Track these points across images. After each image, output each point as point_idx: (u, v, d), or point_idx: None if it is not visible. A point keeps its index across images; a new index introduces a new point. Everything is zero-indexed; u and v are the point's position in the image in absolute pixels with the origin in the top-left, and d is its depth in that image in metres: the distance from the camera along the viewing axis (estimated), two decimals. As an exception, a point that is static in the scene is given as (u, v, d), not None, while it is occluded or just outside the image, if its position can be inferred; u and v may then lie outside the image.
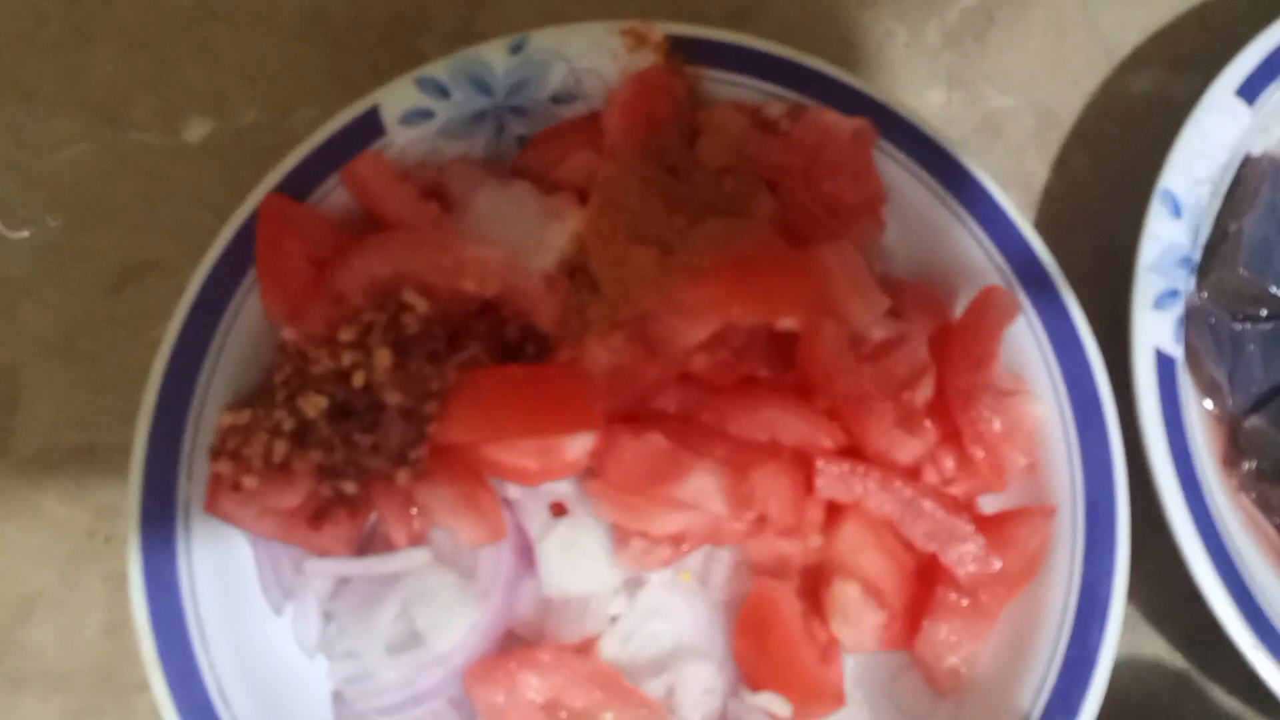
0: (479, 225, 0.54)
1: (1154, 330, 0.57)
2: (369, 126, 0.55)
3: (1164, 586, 0.59)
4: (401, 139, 0.56)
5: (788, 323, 0.52)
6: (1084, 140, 0.68)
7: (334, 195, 0.55)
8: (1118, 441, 0.55)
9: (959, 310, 0.57)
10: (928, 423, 0.55)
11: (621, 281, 0.51)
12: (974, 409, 0.53)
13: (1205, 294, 0.61)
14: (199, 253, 0.53)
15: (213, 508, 0.51)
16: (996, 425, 0.54)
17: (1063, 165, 0.68)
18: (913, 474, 0.54)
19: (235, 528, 0.52)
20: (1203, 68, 0.62)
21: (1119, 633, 0.53)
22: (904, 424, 0.54)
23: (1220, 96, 0.61)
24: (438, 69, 0.56)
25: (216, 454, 0.52)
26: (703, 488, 0.50)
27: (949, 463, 0.55)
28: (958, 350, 0.54)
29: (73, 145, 0.64)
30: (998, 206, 0.58)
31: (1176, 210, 0.59)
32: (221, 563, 0.52)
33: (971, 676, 0.55)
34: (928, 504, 0.52)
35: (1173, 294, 0.58)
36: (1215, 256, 0.61)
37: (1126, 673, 0.60)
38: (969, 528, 0.52)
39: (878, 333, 0.53)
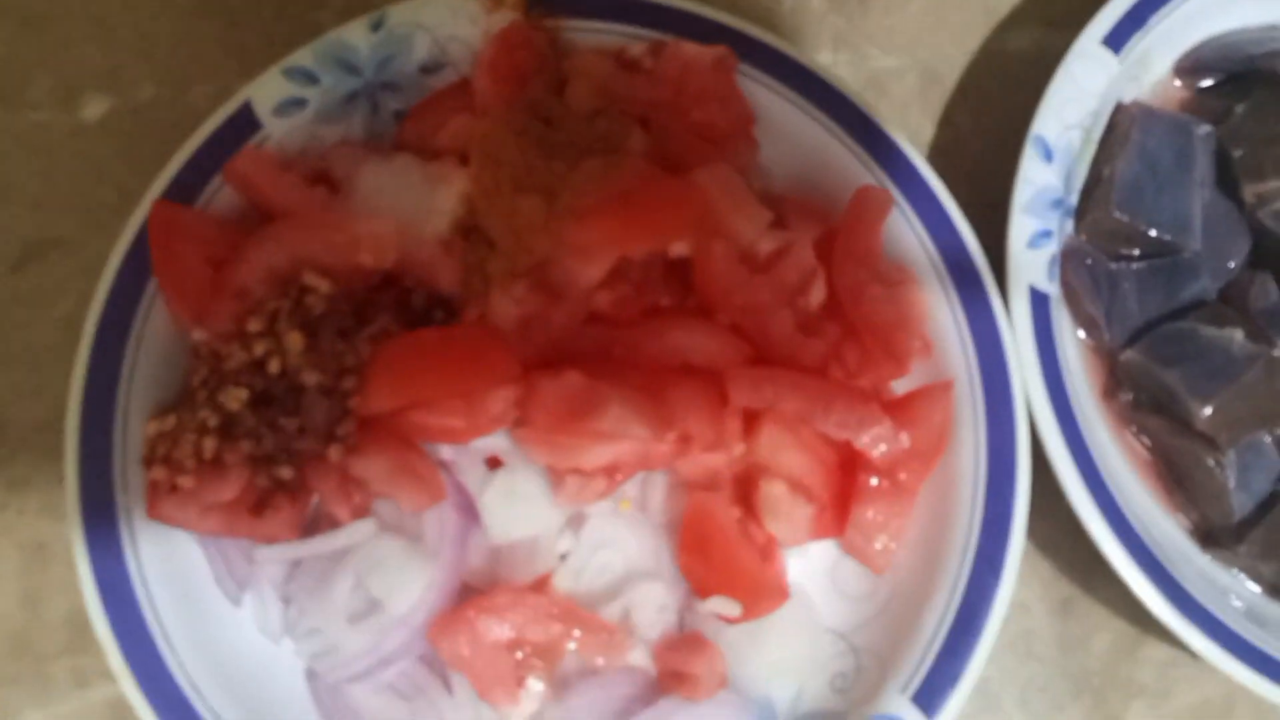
0: (367, 202, 0.55)
1: (1028, 269, 0.60)
2: (244, 122, 0.56)
3: (1050, 519, 0.62)
4: (278, 130, 0.57)
5: (679, 248, 0.55)
6: (966, 97, 0.72)
7: (221, 194, 0.56)
8: (1001, 312, 0.59)
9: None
10: (827, 325, 0.58)
11: (514, 233, 0.53)
12: (864, 302, 0.57)
13: (1083, 236, 0.64)
14: (101, 229, 0.54)
15: (155, 513, 0.52)
16: (888, 314, 0.57)
17: (946, 122, 0.71)
18: (820, 373, 0.58)
19: (181, 530, 0.53)
20: (1077, 24, 0.64)
21: (1029, 490, 0.57)
22: (803, 328, 0.57)
23: (1088, 45, 0.64)
24: (303, 57, 0.57)
25: (149, 462, 0.53)
26: (622, 415, 0.52)
27: (852, 358, 0.58)
28: (841, 250, 0.57)
29: (-32, 127, 0.64)
30: (861, 113, 0.61)
31: (1048, 155, 0.62)
32: (172, 565, 0.54)
33: (901, 551, 0.59)
34: (834, 395, 0.55)
35: (1045, 234, 0.61)
36: (1090, 199, 0.64)
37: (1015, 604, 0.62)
38: (875, 411, 0.56)
39: (765, 245, 0.56)
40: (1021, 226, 0.61)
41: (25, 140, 0.64)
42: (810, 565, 0.60)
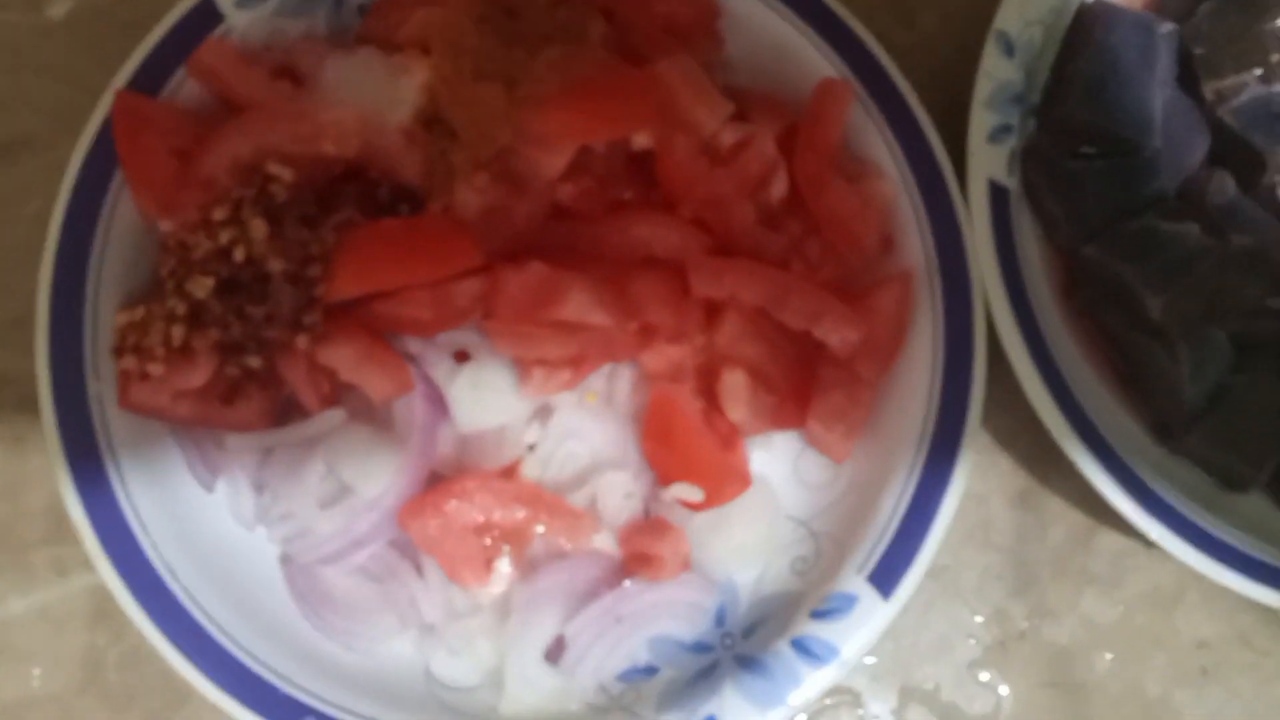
0: (331, 94, 0.55)
1: (988, 162, 0.60)
2: (206, 14, 0.56)
3: (1009, 413, 0.64)
4: (241, 22, 0.57)
5: (641, 140, 0.55)
6: None
7: (186, 88, 0.56)
8: (961, 205, 0.59)
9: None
10: (788, 219, 0.59)
11: (475, 122, 0.53)
12: (825, 194, 0.57)
13: (1045, 135, 0.64)
14: (70, 128, 0.55)
15: (125, 401, 0.54)
16: (849, 206, 0.58)
17: (912, 23, 0.71)
18: (781, 267, 0.59)
19: (153, 418, 0.54)
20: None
21: (985, 380, 0.58)
22: (765, 221, 0.58)
23: None
24: (264, -52, 0.57)
25: (120, 351, 0.54)
26: (585, 303, 0.53)
27: (813, 251, 0.59)
28: (803, 143, 0.58)
29: (-68, 25, 0.64)
30: (825, 6, 0.61)
31: (1009, 50, 0.62)
32: (146, 454, 0.55)
33: (861, 441, 0.60)
34: (793, 286, 0.56)
35: (1006, 129, 0.62)
36: (1052, 97, 0.64)
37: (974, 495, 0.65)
38: (834, 302, 0.57)
39: (727, 137, 0.57)
40: (982, 120, 0.61)
41: (-10, 39, 0.64)
42: (773, 456, 0.62)
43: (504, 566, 0.56)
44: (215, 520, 0.57)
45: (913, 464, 0.58)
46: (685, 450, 0.57)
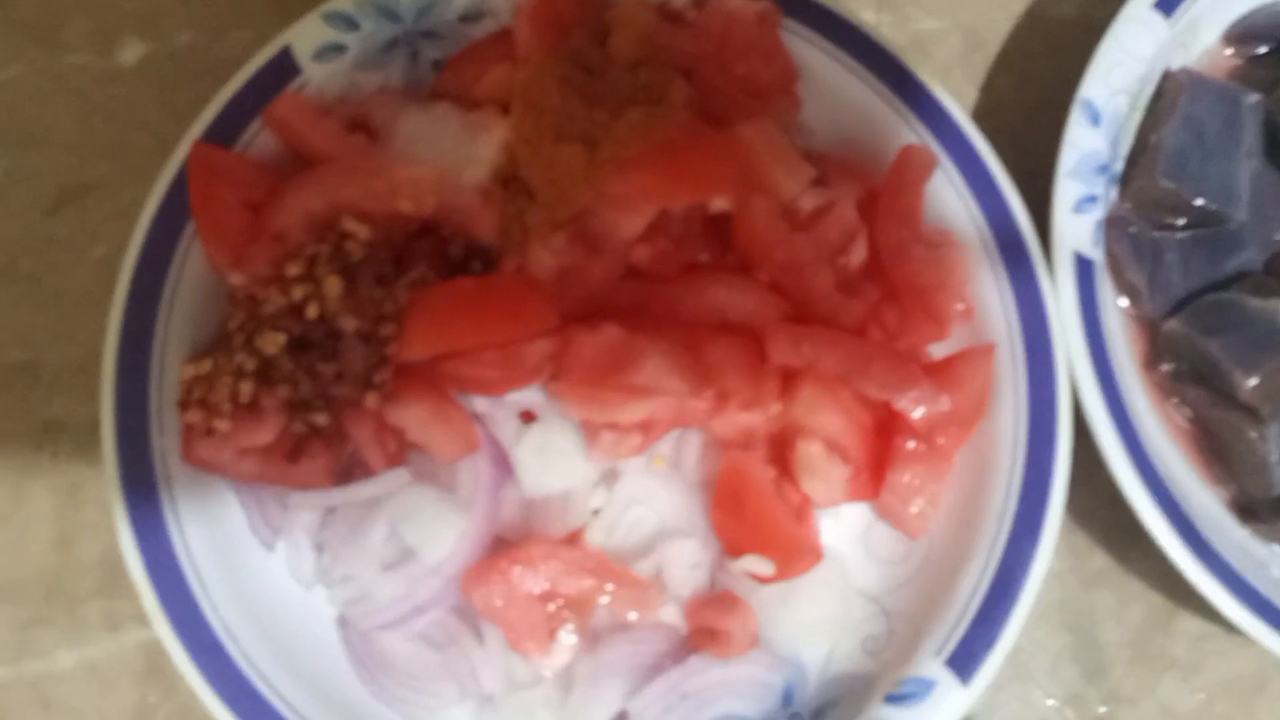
0: (406, 149, 0.55)
1: (1073, 234, 0.59)
2: (284, 67, 0.56)
3: (1085, 489, 0.61)
4: (317, 75, 0.56)
5: (720, 203, 0.54)
6: (1009, 61, 0.71)
7: (260, 139, 0.56)
8: (1045, 277, 0.58)
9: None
10: (867, 285, 0.57)
11: (554, 183, 0.52)
12: (906, 262, 0.56)
13: (1128, 204, 0.63)
14: (137, 174, 0.54)
15: (190, 456, 0.52)
16: (929, 275, 0.56)
17: (989, 86, 0.70)
18: (859, 334, 0.57)
19: (216, 474, 0.53)
20: (1125, -9, 0.63)
21: (1070, 455, 0.56)
22: (843, 287, 0.56)
23: (1138, 10, 0.63)
24: (343, 2, 0.57)
25: (184, 405, 0.53)
26: (660, 370, 0.52)
27: (892, 319, 0.58)
28: (884, 209, 0.56)
29: (5, 68, 0.65)
30: (905, 71, 0.60)
31: (1095, 119, 0.61)
32: (207, 510, 0.54)
33: (937, 516, 0.58)
34: (874, 355, 0.55)
35: (1091, 199, 0.60)
36: (1136, 167, 0.63)
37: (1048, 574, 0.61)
38: (916, 372, 0.55)
39: (807, 202, 0.55)
40: (1067, 191, 0.60)
41: (62, 83, 0.64)
42: (843, 528, 0.60)
43: (567, 637, 0.54)
44: (273, 579, 0.55)
45: (994, 542, 0.56)
46: (757, 521, 0.55)
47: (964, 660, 0.54)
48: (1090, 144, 0.61)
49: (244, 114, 0.55)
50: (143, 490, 0.52)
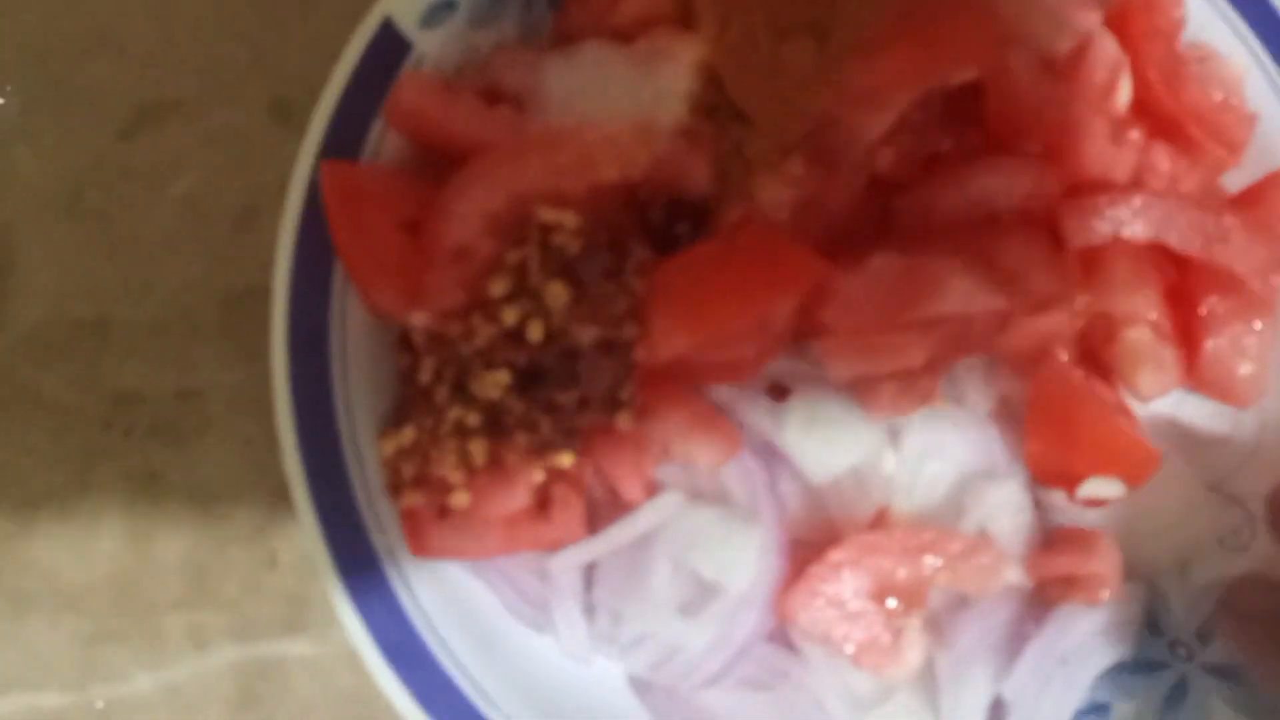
0: (568, 108, 0.44)
1: None
2: (390, 44, 0.44)
3: None
4: (431, 45, 0.45)
5: (965, 73, 0.44)
6: None
7: (386, 142, 0.44)
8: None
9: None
10: (1130, 128, 0.47)
11: (779, 95, 0.41)
12: (1184, 87, 0.46)
13: None
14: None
15: (422, 549, 0.42)
16: (1211, 95, 0.47)
17: None
18: (1136, 186, 0.47)
19: (453, 559, 0.43)
20: None
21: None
22: (1111, 136, 0.47)
23: None
24: (434, -54, 0.45)
25: (395, 489, 0.42)
26: (967, 289, 0.42)
27: (1163, 162, 0.48)
28: (1143, 30, 0.46)
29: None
30: None
31: None
32: (456, 604, 0.43)
33: (1268, 374, 0.49)
34: (1180, 208, 0.45)
35: None
36: None
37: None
38: (1229, 215, 0.46)
39: (1063, 44, 0.45)
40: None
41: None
42: (1145, 417, 0.51)
43: (915, 635, 0.45)
44: (544, 657, 0.45)
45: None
46: (1094, 436, 0.45)
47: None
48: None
49: (361, 114, 0.43)
50: (379, 606, 0.41)
